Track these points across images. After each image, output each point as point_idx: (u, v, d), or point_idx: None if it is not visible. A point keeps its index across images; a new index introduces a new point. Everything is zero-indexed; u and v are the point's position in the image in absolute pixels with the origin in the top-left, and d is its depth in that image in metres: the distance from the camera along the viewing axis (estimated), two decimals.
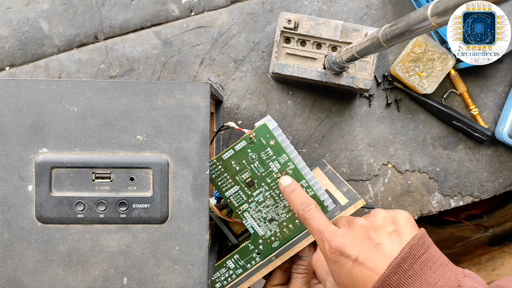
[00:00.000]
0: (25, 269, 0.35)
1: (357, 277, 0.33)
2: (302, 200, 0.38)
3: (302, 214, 0.37)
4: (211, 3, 0.53)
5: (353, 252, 0.33)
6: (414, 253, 0.33)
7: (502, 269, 0.59)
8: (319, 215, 0.36)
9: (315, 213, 0.36)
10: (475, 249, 0.67)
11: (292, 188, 0.39)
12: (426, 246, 0.34)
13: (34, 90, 0.34)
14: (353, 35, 0.47)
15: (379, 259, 0.33)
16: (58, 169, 0.35)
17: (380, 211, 0.37)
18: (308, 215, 0.37)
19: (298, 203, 0.38)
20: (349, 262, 0.33)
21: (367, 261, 0.33)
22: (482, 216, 0.73)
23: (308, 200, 0.38)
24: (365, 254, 0.33)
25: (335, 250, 0.34)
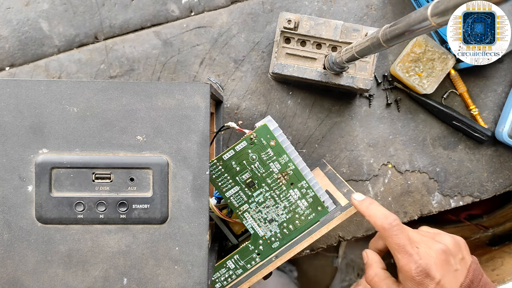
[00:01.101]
0: (25, 270, 0.35)
1: None
2: (385, 213, 0.37)
3: (389, 229, 0.36)
4: (211, 3, 0.53)
5: (437, 275, 0.35)
6: (476, 276, 0.37)
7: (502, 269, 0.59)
8: (405, 233, 0.37)
9: (401, 229, 0.37)
10: (475, 249, 0.67)
11: (369, 201, 0.39)
12: (481, 271, 0.38)
13: (34, 91, 0.34)
14: (353, 35, 0.47)
15: (454, 284, 0.36)
16: (58, 169, 0.35)
17: (446, 235, 0.39)
18: (395, 230, 0.36)
19: (381, 216, 0.37)
20: (432, 284, 0.35)
21: (447, 285, 0.35)
22: (482, 216, 0.73)
23: (390, 213, 0.37)
24: (446, 278, 0.35)
25: (422, 271, 0.35)
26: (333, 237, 0.54)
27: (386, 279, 0.39)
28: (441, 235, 0.39)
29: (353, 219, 0.54)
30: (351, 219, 0.54)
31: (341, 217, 0.40)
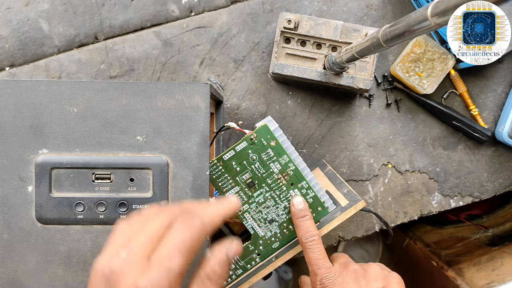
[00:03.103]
0: (25, 270, 0.35)
1: None
2: (308, 227, 0.39)
3: (304, 242, 0.39)
4: (211, 3, 0.53)
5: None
6: None
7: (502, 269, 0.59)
8: (319, 248, 0.38)
9: (317, 245, 0.38)
10: (475, 249, 0.67)
11: (303, 214, 0.40)
12: None
13: (34, 91, 0.34)
14: (353, 35, 0.47)
15: None
16: (58, 169, 0.35)
17: (376, 265, 0.39)
18: (309, 245, 0.38)
19: (304, 230, 0.39)
20: None
21: None
22: (482, 216, 0.73)
23: (314, 229, 0.39)
24: None
25: (324, 286, 0.37)
26: (333, 237, 0.54)
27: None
28: (371, 265, 0.39)
29: (353, 219, 0.54)
30: (351, 219, 0.54)
31: (341, 217, 0.40)
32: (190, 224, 0.26)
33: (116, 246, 0.26)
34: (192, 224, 0.26)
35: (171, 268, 0.24)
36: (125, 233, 0.27)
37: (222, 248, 0.28)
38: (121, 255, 0.25)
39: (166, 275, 0.24)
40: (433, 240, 0.76)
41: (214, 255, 0.28)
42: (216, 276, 0.27)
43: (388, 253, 0.92)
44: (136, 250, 0.25)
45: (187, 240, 0.25)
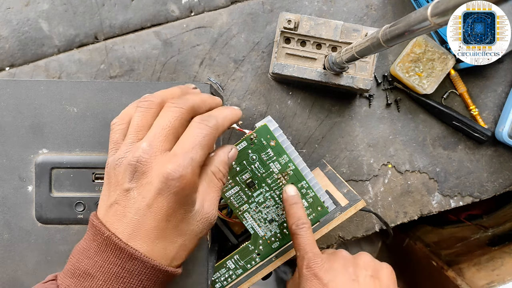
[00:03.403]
0: (25, 270, 0.35)
1: None
2: (299, 215, 0.39)
3: (294, 229, 0.38)
4: (211, 3, 0.53)
5: (326, 277, 0.35)
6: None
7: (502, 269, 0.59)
8: (309, 235, 0.38)
9: (306, 232, 0.38)
10: (475, 249, 0.67)
11: (294, 200, 0.40)
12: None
13: (34, 91, 0.34)
14: (353, 35, 0.47)
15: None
16: (58, 169, 0.35)
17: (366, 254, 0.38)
18: (300, 231, 0.38)
19: (295, 217, 0.39)
20: (319, 285, 0.35)
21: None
22: (482, 216, 0.73)
23: (305, 217, 0.39)
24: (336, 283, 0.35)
25: (311, 271, 0.36)
26: (333, 237, 0.54)
27: None
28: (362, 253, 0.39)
29: (353, 219, 0.54)
30: (351, 219, 0.54)
31: (341, 217, 0.40)
32: (207, 122, 0.29)
33: (128, 141, 0.29)
34: (209, 123, 0.29)
35: (194, 158, 0.28)
36: (135, 129, 0.29)
37: (224, 150, 0.33)
38: (142, 146, 0.28)
39: (190, 163, 0.27)
40: (433, 240, 0.76)
41: (217, 155, 0.32)
42: (221, 174, 0.31)
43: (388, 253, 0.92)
44: (156, 143, 0.28)
45: (206, 136, 0.29)
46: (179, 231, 0.29)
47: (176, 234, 0.29)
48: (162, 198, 0.27)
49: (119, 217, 0.28)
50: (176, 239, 0.29)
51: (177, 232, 0.29)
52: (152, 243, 0.28)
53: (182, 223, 0.29)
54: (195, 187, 0.29)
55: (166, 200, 0.27)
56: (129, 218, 0.27)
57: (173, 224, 0.28)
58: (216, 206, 0.31)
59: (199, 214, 0.29)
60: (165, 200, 0.27)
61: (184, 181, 0.27)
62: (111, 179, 0.29)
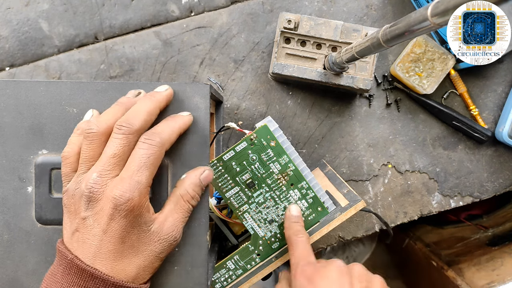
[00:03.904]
0: (25, 270, 0.35)
1: None
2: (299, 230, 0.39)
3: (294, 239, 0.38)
4: (211, 4, 0.53)
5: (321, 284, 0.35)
6: None
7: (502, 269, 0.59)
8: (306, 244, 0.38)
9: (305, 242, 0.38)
10: (475, 249, 0.67)
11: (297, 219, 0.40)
12: None
13: (34, 92, 0.34)
14: (353, 35, 0.47)
15: None
16: (58, 170, 0.34)
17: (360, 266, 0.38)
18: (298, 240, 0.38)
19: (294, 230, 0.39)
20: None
21: None
22: (482, 216, 0.73)
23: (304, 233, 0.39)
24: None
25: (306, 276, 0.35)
26: (333, 237, 0.54)
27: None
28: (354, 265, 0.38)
29: (353, 219, 0.54)
30: (351, 219, 0.54)
31: (341, 217, 0.40)
32: (151, 142, 0.30)
33: (82, 169, 0.31)
34: (153, 142, 0.30)
35: (139, 181, 0.29)
36: (85, 159, 0.31)
37: (196, 172, 0.33)
38: (91, 176, 0.29)
39: (136, 186, 0.29)
40: (433, 240, 0.76)
41: (188, 177, 0.33)
42: (189, 196, 0.32)
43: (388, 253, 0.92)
44: (105, 171, 0.30)
45: (151, 156, 0.30)
46: (136, 251, 0.30)
47: (133, 254, 0.30)
48: (114, 222, 0.29)
49: (80, 243, 0.30)
50: (135, 259, 0.31)
51: (134, 252, 0.30)
52: (112, 264, 0.30)
53: (138, 243, 0.30)
54: (146, 207, 0.30)
55: (118, 224, 0.29)
56: (88, 243, 0.30)
57: (128, 244, 0.30)
58: (180, 227, 0.32)
59: (156, 234, 0.31)
60: (117, 224, 0.29)
61: (132, 203, 0.29)
62: (70, 208, 0.31)
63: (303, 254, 0.37)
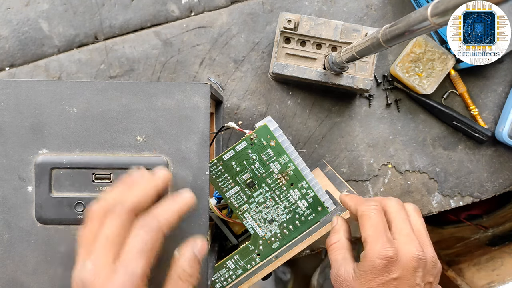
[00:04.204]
0: (25, 270, 0.35)
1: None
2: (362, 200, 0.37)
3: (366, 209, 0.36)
4: (211, 3, 0.53)
5: (398, 272, 0.32)
6: None
7: (502, 269, 0.59)
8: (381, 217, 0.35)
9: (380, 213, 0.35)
10: (475, 250, 0.67)
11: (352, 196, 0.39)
12: None
13: (34, 91, 0.34)
14: (353, 35, 0.47)
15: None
16: (58, 169, 0.35)
17: (430, 245, 0.35)
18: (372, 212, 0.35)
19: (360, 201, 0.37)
20: (388, 277, 0.32)
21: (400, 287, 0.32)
22: (482, 216, 0.73)
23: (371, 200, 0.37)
24: (403, 281, 0.32)
25: (388, 258, 0.32)
26: None
27: (345, 249, 0.37)
28: (426, 243, 0.35)
29: (353, 219, 0.54)
30: (351, 219, 0.54)
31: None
32: (148, 226, 0.28)
33: (82, 257, 0.29)
34: (150, 227, 0.28)
35: (134, 271, 0.27)
36: (85, 242, 0.29)
37: (188, 247, 0.31)
38: (87, 266, 0.27)
39: (130, 278, 0.27)
40: (433, 240, 0.75)
41: (182, 254, 0.30)
42: (187, 275, 0.30)
43: None
44: (99, 260, 0.27)
45: (147, 243, 0.28)
46: None
47: None
48: None
49: None
50: None
51: None
52: None
53: None
54: None
55: None
56: None
57: None
58: None
59: None
60: None
61: None
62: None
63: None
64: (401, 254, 0.32)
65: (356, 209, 0.36)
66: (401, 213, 0.35)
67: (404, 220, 0.35)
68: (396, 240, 0.33)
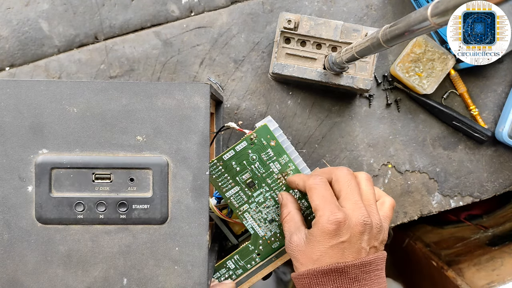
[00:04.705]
0: (25, 270, 0.35)
1: None
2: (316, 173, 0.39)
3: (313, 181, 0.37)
4: (211, 3, 0.53)
5: (345, 235, 0.35)
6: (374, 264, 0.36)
7: (502, 269, 0.59)
8: (327, 188, 0.37)
9: (325, 184, 0.37)
10: (475, 250, 0.67)
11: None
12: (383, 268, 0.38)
13: (34, 91, 0.34)
14: (353, 35, 0.47)
15: (352, 255, 0.35)
16: (58, 169, 0.35)
17: (388, 206, 0.38)
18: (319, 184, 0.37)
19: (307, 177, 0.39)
20: (335, 241, 0.35)
21: (347, 250, 0.35)
22: (482, 216, 0.73)
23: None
24: (350, 244, 0.35)
25: (336, 222, 0.34)
26: None
27: (296, 219, 0.39)
28: (384, 199, 0.38)
29: None
30: None
31: None
32: None
33: None
34: None
35: None
36: None
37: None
38: None
39: None
40: (433, 240, 0.76)
41: None
42: None
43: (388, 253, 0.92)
44: None
45: None
46: None
47: None
48: None
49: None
50: None
51: None
52: None
53: None
54: None
55: None
56: None
57: None
58: None
59: None
60: None
61: None
62: None
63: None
64: (349, 219, 0.35)
65: (303, 185, 0.38)
66: (350, 182, 0.37)
67: (352, 188, 0.36)
68: (344, 207, 0.36)
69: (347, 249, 0.35)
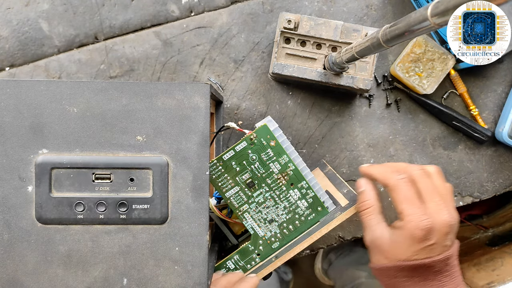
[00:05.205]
0: (25, 270, 0.35)
1: None
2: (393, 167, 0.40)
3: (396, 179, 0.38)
4: (211, 4, 0.53)
5: (434, 238, 0.36)
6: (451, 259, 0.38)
7: (502, 269, 0.59)
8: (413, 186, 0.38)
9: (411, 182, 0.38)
10: (475, 250, 0.67)
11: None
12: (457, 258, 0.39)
13: (34, 91, 0.34)
14: (353, 35, 0.47)
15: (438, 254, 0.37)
16: (58, 169, 0.35)
17: (453, 207, 0.38)
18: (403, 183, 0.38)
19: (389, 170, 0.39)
20: (425, 244, 0.36)
21: (433, 252, 0.36)
22: (482, 216, 0.73)
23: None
24: (436, 246, 0.36)
25: (428, 229, 0.35)
26: (333, 237, 0.54)
27: (378, 213, 0.40)
28: (452, 206, 0.38)
29: (353, 219, 0.54)
30: (351, 219, 0.54)
31: (341, 217, 0.40)
32: None
33: None
34: None
35: None
36: None
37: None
38: None
39: None
40: None
41: None
42: None
43: None
44: None
45: None
46: None
47: None
48: None
49: None
50: None
51: None
52: None
53: None
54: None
55: None
56: None
57: None
58: None
59: None
60: None
61: None
62: None
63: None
64: (435, 223, 0.35)
65: (384, 180, 0.39)
66: (427, 181, 0.37)
67: (431, 189, 0.37)
68: (428, 209, 0.36)
69: (434, 248, 0.36)
